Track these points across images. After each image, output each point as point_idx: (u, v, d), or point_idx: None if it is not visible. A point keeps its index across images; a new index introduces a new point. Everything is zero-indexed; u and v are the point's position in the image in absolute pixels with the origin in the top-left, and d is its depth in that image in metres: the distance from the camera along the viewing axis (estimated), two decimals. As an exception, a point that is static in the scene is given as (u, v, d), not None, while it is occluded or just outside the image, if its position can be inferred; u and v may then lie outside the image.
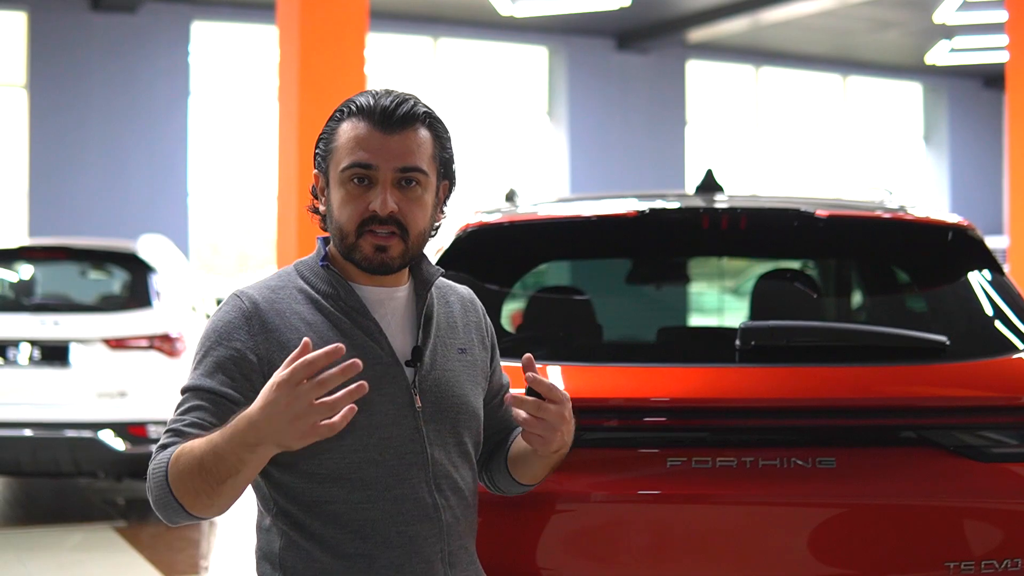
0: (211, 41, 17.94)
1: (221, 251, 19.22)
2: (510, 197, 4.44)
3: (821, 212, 3.76)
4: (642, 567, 3.17)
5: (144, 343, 8.83)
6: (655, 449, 3.19)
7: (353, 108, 2.64)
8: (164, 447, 2.48)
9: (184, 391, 2.56)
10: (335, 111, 2.68)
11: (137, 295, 9.21)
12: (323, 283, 2.66)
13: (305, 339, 2.27)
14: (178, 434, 2.48)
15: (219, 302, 9.58)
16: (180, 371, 8.89)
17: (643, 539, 3.18)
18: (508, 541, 3.13)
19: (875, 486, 3.18)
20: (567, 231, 4.02)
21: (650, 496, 3.17)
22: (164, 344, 8.86)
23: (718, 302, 11.40)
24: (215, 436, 2.37)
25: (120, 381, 8.72)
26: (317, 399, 2.24)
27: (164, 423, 8.62)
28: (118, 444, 8.61)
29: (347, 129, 2.63)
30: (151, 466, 2.48)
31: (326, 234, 2.72)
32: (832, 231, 3.92)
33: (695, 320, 8.72)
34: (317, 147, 2.69)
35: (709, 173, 4.23)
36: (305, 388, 2.24)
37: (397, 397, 2.60)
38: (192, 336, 9.23)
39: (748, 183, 21.32)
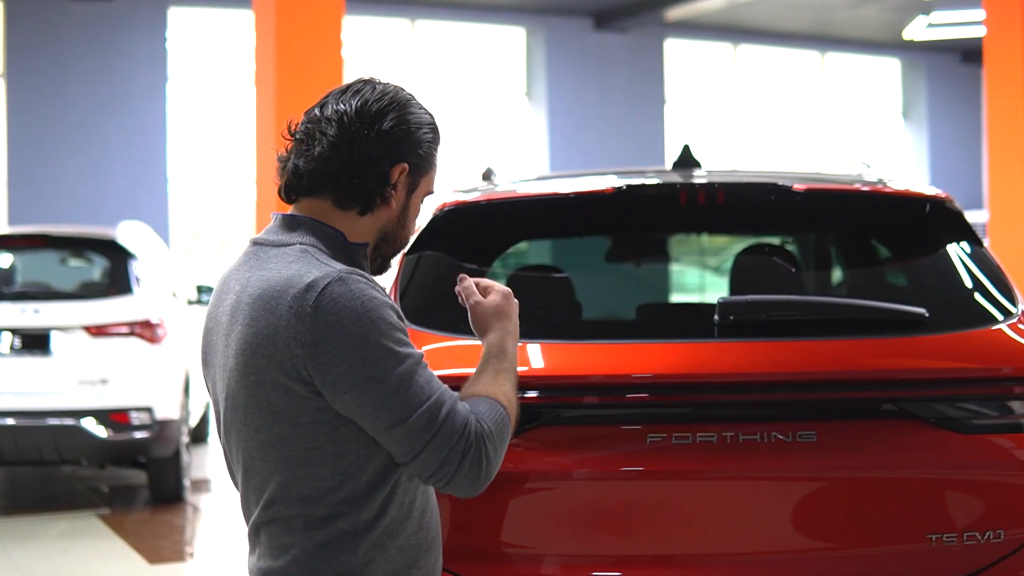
0: (188, 27, 17.86)
1: (202, 237, 19.14)
2: (487, 176, 4.43)
3: (799, 186, 3.75)
4: (623, 543, 3.17)
5: (125, 330, 8.79)
6: (635, 425, 3.18)
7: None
8: (456, 410, 2.40)
9: (417, 361, 2.42)
10: (432, 124, 2.60)
11: (117, 282, 9.16)
12: (365, 271, 2.58)
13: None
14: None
15: (200, 289, 9.41)
16: (161, 357, 8.86)
17: (624, 516, 3.18)
18: (489, 519, 3.12)
19: (856, 459, 3.18)
20: (544, 209, 4.01)
21: (631, 472, 3.17)
22: (145, 331, 8.82)
23: (700, 279, 11.41)
24: (501, 356, 2.56)
25: (101, 368, 8.68)
26: None
27: (147, 409, 8.66)
28: (100, 431, 8.58)
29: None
30: (481, 423, 2.41)
31: (317, 217, 2.58)
32: (810, 204, 3.92)
33: (676, 297, 8.71)
34: (425, 143, 2.58)
35: (686, 149, 4.22)
36: None
37: None
38: (172, 322, 9.20)
39: (728, 160, 21.31)
